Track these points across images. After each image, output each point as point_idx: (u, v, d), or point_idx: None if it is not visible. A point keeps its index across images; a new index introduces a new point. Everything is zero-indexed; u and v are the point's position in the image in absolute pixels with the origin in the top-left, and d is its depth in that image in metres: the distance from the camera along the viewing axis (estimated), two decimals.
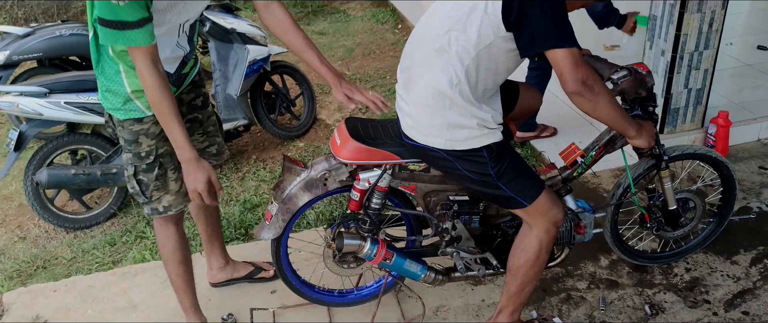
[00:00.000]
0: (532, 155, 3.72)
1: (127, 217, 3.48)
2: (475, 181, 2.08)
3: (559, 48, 1.77)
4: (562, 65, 1.79)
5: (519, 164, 2.11)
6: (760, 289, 2.67)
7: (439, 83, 1.93)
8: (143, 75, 1.88)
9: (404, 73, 2.09)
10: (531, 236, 2.17)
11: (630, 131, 2.07)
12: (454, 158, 2.04)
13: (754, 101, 3.94)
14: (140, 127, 2.08)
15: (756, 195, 3.27)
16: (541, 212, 2.12)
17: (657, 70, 3.41)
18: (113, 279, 2.89)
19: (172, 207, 2.21)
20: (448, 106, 1.95)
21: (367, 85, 4.85)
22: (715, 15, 3.23)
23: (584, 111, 1.89)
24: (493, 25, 1.83)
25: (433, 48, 1.95)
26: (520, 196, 2.08)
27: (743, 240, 2.94)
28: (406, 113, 2.07)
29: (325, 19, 6.54)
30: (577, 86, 1.80)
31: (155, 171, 2.13)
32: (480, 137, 1.99)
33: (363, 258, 2.29)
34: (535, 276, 2.22)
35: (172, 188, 2.19)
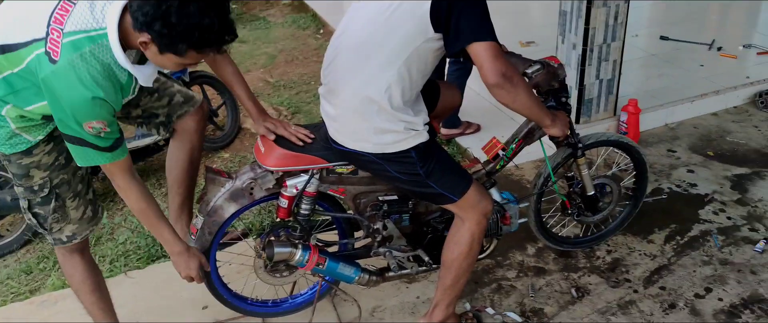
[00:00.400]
0: (457, 152, 3.80)
1: (43, 243, 3.30)
2: (405, 181, 2.11)
3: (480, 42, 1.83)
4: (482, 58, 1.84)
5: (446, 161, 2.15)
6: (674, 264, 2.83)
7: (367, 90, 1.93)
8: (125, 189, 1.89)
9: (328, 78, 2.07)
10: (463, 229, 2.22)
11: (546, 121, 2.14)
12: (383, 160, 2.05)
13: (661, 88, 4.18)
14: (30, 160, 1.93)
15: (666, 177, 3.46)
16: (471, 205, 2.17)
17: (570, 63, 3.55)
18: (31, 308, 2.74)
19: (76, 235, 2.10)
20: (376, 111, 1.95)
21: (292, 91, 4.82)
22: (619, 8, 3.41)
23: (504, 103, 1.94)
24: (422, 26, 1.86)
25: (360, 53, 1.95)
26: (450, 192, 2.12)
27: (657, 220, 3.11)
28: (333, 118, 2.06)
29: (244, 27, 6.45)
30: (497, 78, 1.85)
31: (52, 204, 2.00)
32: (407, 140, 2.02)
33: (295, 265, 2.27)
34: (468, 267, 2.27)
35: (73, 217, 2.07)
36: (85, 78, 1.63)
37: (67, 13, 1.63)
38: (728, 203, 3.23)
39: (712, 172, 3.49)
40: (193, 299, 2.71)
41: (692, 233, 3.02)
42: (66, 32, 1.62)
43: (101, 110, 1.69)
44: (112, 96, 1.70)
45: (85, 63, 1.63)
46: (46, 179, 1.97)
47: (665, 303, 2.62)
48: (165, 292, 2.78)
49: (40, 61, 1.63)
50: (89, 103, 1.65)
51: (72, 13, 1.63)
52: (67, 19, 1.62)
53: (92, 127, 1.71)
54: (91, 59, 1.63)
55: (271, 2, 7.24)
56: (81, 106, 1.66)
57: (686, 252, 2.90)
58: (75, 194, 2.05)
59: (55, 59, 1.61)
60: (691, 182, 3.40)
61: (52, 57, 1.61)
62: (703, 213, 3.16)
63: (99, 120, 1.70)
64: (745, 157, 3.61)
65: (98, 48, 1.63)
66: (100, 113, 1.70)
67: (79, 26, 1.62)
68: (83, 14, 1.64)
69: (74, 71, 1.62)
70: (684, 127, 3.96)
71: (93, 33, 1.63)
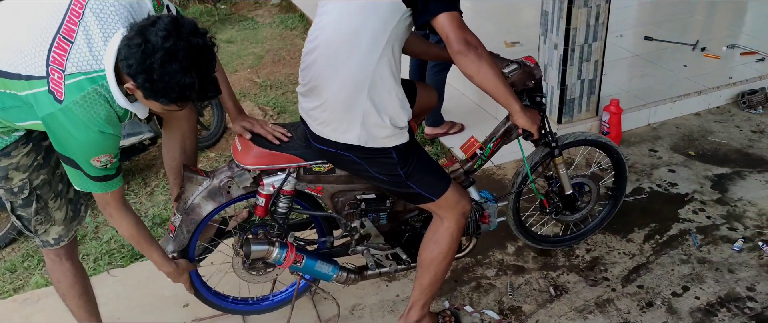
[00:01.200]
0: (441, 152, 3.82)
1: (28, 242, 3.31)
2: (386, 182, 2.13)
3: (445, 12, 1.88)
4: (446, 28, 1.89)
5: (426, 162, 2.18)
6: (652, 263, 2.86)
7: (355, 79, 1.95)
8: (117, 218, 1.94)
9: (309, 76, 2.08)
10: (442, 229, 2.24)
11: (514, 105, 2.14)
12: (364, 160, 2.07)
13: (644, 88, 4.21)
14: (8, 161, 1.93)
15: (647, 176, 3.50)
16: (450, 205, 2.19)
17: (551, 63, 3.58)
18: (14, 306, 2.76)
19: (63, 238, 2.10)
20: (365, 99, 1.97)
21: (278, 91, 4.83)
22: (600, 9, 3.44)
23: (468, 74, 1.96)
24: (394, 5, 1.91)
25: (342, 46, 1.97)
26: (429, 192, 2.15)
27: (637, 219, 3.14)
28: (318, 113, 2.07)
29: (232, 27, 6.45)
30: (461, 46, 1.89)
31: (34, 205, 2.01)
32: (390, 138, 2.04)
33: (273, 263, 2.29)
34: (446, 267, 2.30)
35: (57, 218, 2.07)
36: (91, 117, 1.68)
37: (64, 52, 1.66)
38: (708, 202, 3.26)
39: (693, 171, 3.52)
40: (175, 297, 2.73)
41: (671, 233, 3.05)
42: (68, 74, 1.65)
43: (109, 144, 1.76)
44: (115, 127, 1.76)
45: (90, 103, 1.68)
46: (25, 181, 1.97)
47: (643, 301, 2.65)
48: (147, 290, 2.80)
49: (41, 99, 1.67)
50: (98, 140, 1.73)
51: (71, 53, 1.66)
52: (67, 60, 1.66)
53: (100, 161, 1.77)
54: (95, 98, 1.68)
55: (260, 3, 7.25)
56: (90, 143, 1.73)
57: (665, 251, 2.93)
58: (56, 194, 2.05)
59: (59, 99, 1.65)
60: (672, 182, 3.44)
61: (56, 97, 1.65)
62: (682, 212, 3.19)
63: (106, 154, 1.78)
64: (726, 157, 3.65)
65: (100, 88, 1.68)
66: (108, 147, 1.77)
67: (79, 68, 1.66)
68: (82, 54, 1.67)
69: (81, 111, 1.67)
70: (666, 127, 3.99)
71: (93, 74, 1.67)
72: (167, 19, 1.59)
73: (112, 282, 2.90)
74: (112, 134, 1.75)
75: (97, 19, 1.69)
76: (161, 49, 1.55)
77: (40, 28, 1.69)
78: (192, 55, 1.59)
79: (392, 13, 1.92)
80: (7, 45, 1.72)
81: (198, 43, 1.61)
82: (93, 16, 1.69)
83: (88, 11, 1.69)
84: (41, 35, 1.68)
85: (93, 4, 1.70)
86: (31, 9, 1.74)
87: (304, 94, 2.14)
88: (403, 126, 2.06)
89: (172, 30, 1.57)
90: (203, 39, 1.63)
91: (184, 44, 1.57)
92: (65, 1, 1.71)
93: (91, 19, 1.69)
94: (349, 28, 1.96)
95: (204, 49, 1.63)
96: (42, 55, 1.66)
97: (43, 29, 1.68)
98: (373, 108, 1.98)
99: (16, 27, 1.74)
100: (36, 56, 1.67)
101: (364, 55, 1.94)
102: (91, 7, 1.70)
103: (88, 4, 1.70)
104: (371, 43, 1.94)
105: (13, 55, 1.70)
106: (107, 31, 1.69)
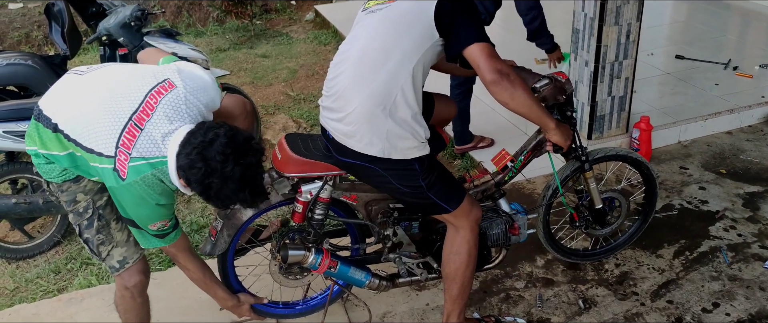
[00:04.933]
0: (471, 165, 3.88)
1: (71, 244, 3.44)
2: (407, 193, 2.20)
3: (474, 43, 1.97)
4: (477, 58, 1.98)
5: (444, 174, 2.26)
6: (682, 279, 2.86)
7: (382, 93, 2.04)
8: (185, 266, 2.19)
9: (336, 88, 2.15)
10: (459, 239, 2.30)
11: (549, 124, 2.23)
12: (387, 171, 2.15)
13: (674, 106, 4.22)
14: (77, 186, 2.09)
15: (678, 193, 3.50)
16: (465, 213, 2.27)
17: (582, 80, 3.63)
18: (59, 305, 2.87)
19: (127, 260, 2.16)
20: (389, 115, 2.05)
21: (312, 104, 4.95)
22: (631, 27, 3.48)
23: (503, 101, 2.04)
24: (429, 31, 2.02)
25: (372, 61, 2.06)
26: (446, 203, 2.22)
27: (667, 235, 3.15)
28: (342, 125, 2.13)
29: (268, 42, 6.62)
30: (493, 75, 1.97)
31: (95, 224, 2.11)
32: (413, 149, 2.12)
33: (308, 267, 2.37)
34: (471, 274, 2.35)
35: (118, 239, 2.15)
36: (149, 193, 1.90)
37: (133, 138, 1.87)
38: (739, 220, 3.25)
39: (724, 189, 3.52)
40: (211, 300, 2.81)
41: (702, 249, 3.05)
42: (133, 157, 1.86)
43: (164, 212, 1.99)
44: (169, 198, 1.98)
45: (147, 182, 1.89)
46: (89, 201, 2.11)
47: (672, 316, 2.66)
48: (184, 293, 2.89)
49: (107, 173, 1.90)
50: (153, 212, 1.96)
51: (138, 140, 1.87)
52: (134, 146, 1.87)
53: (156, 226, 2.00)
54: (152, 180, 1.89)
55: (294, 19, 7.43)
56: (146, 215, 1.97)
57: (695, 267, 2.94)
58: (119, 217, 2.13)
59: (122, 178, 1.87)
60: (703, 199, 3.44)
61: (120, 175, 1.87)
62: (713, 229, 3.19)
63: (162, 220, 2.00)
64: (758, 175, 3.63)
65: (158, 172, 1.89)
66: (163, 215, 1.99)
67: (142, 153, 1.87)
68: (147, 142, 1.87)
69: (139, 189, 1.89)
70: (697, 144, 3.99)
71: (154, 160, 1.87)
72: (225, 140, 1.79)
73: (151, 284, 2.98)
74: (166, 204, 1.97)
75: (168, 111, 1.92)
76: (219, 174, 1.78)
77: (116, 112, 1.90)
78: (246, 176, 1.82)
79: (425, 38, 2.03)
80: (86, 120, 1.93)
81: (251, 162, 1.84)
82: (165, 108, 1.92)
83: (162, 104, 1.92)
84: (116, 119, 1.89)
85: (167, 98, 1.92)
86: (113, 89, 1.96)
87: (327, 106, 2.21)
88: (424, 140, 2.14)
89: (229, 153, 1.79)
90: (256, 157, 1.86)
91: (239, 169, 1.80)
92: (143, 89, 1.94)
93: (162, 111, 1.91)
94: (382, 44, 2.05)
95: (256, 167, 1.86)
96: (113, 138, 1.87)
97: (119, 113, 1.90)
98: (395, 123, 2.07)
99: (96, 103, 1.94)
100: (108, 137, 1.88)
101: (392, 72, 2.03)
102: (165, 100, 1.92)
103: (163, 99, 1.92)
104: (400, 62, 2.03)
105: (90, 132, 1.91)
106: (174, 123, 1.90)
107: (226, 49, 6.49)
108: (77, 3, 4.65)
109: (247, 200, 1.87)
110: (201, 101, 1.99)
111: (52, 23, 4.68)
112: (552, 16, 6.44)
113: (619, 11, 3.39)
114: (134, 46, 3.91)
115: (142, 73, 2.00)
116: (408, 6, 2.07)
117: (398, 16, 2.07)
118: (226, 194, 1.82)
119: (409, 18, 2.05)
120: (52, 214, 3.38)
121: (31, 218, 3.48)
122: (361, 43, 2.12)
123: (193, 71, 2.05)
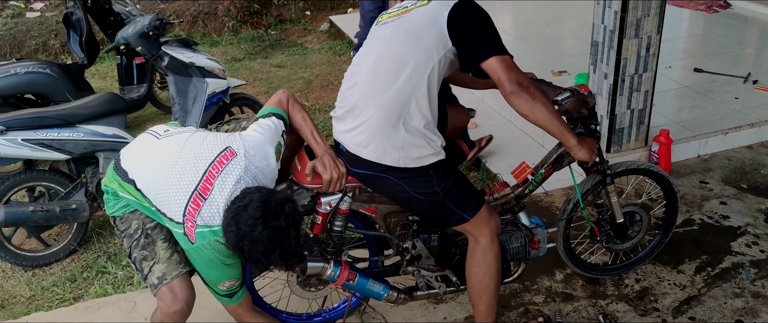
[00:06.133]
0: (487, 177, 3.85)
1: (87, 253, 3.45)
2: (423, 201, 2.18)
3: (494, 55, 1.96)
4: (498, 71, 1.97)
5: (461, 181, 2.24)
6: (704, 295, 2.82)
7: (396, 103, 2.04)
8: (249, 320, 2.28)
9: (350, 99, 2.15)
10: (479, 251, 2.27)
11: (571, 140, 2.19)
12: (402, 180, 2.13)
13: (693, 119, 4.17)
14: (133, 214, 2.22)
15: (698, 208, 3.45)
16: (484, 222, 2.24)
17: (601, 92, 3.60)
18: (75, 313, 2.87)
19: (165, 276, 2.16)
20: (404, 125, 2.06)
21: (326, 115, 4.94)
22: (651, 40, 3.45)
23: (523, 113, 2.03)
24: (442, 38, 2.02)
25: (387, 70, 2.06)
26: (463, 211, 2.20)
27: (688, 250, 3.11)
28: (355, 136, 2.13)
29: (283, 53, 6.64)
30: (513, 87, 1.96)
31: (141, 242, 2.19)
32: (428, 157, 2.11)
33: (327, 279, 2.35)
34: (496, 285, 2.32)
35: (161, 256, 2.18)
36: (216, 255, 2.03)
37: (198, 208, 2.00)
38: (761, 236, 3.20)
39: (746, 204, 3.47)
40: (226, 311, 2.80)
41: (723, 265, 3.00)
42: (198, 225, 2.00)
43: (232, 273, 2.11)
44: (236, 262, 2.10)
45: (213, 246, 2.02)
46: (139, 223, 2.22)
47: None
48: (200, 303, 2.87)
49: (180, 237, 2.05)
50: (222, 272, 2.09)
51: (203, 209, 2.00)
52: (198, 215, 2.00)
53: (225, 286, 2.13)
54: (216, 244, 2.02)
55: (309, 29, 7.45)
56: (216, 276, 2.10)
57: (717, 283, 2.89)
58: (166, 238, 2.20)
59: (191, 241, 2.02)
60: (724, 214, 3.39)
61: (189, 239, 2.02)
62: (735, 245, 3.14)
63: (230, 280, 2.13)
64: None
65: (220, 238, 2.00)
66: (231, 275, 2.12)
67: (206, 221, 2.00)
68: (211, 211, 2.00)
69: (207, 252, 2.02)
70: (717, 159, 3.94)
71: (216, 227, 2.00)
72: (257, 204, 1.89)
73: None
74: (233, 264, 2.09)
75: (228, 180, 2.01)
76: (248, 238, 1.88)
77: (183, 181, 2.03)
78: (274, 239, 1.90)
79: (438, 46, 2.02)
80: (157, 186, 2.07)
81: (280, 225, 1.90)
82: (226, 178, 2.02)
83: (224, 173, 2.03)
84: (183, 189, 2.03)
85: (228, 169, 2.03)
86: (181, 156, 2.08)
87: (341, 117, 2.21)
88: (439, 147, 2.13)
89: (259, 217, 1.88)
90: (287, 220, 1.92)
91: (268, 232, 1.88)
92: (208, 158, 2.06)
93: (223, 180, 2.01)
94: (396, 54, 2.06)
95: (287, 229, 1.92)
96: (181, 207, 2.02)
97: (186, 182, 2.03)
98: (409, 133, 2.06)
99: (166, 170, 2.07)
100: (177, 206, 2.02)
101: (406, 81, 2.03)
102: (226, 171, 2.03)
103: (224, 169, 2.03)
104: (414, 72, 2.03)
105: (161, 197, 2.06)
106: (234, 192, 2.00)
107: (241, 59, 6.52)
108: (95, 12, 4.70)
109: (278, 262, 1.96)
110: (259, 167, 2.08)
111: (71, 32, 4.73)
112: (566, 28, 6.45)
113: (639, 24, 3.37)
114: (152, 56, 3.93)
115: (210, 141, 2.12)
116: (421, 15, 2.08)
117: (412, 25, 2.08)
118: (257, 256, 1.92)
119: (422, 27, 2.05)
120: (68, 222, 3.39)
121: (47, 226, 3.49)
122: (375, 54, 2.13)
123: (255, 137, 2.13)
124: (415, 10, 2.11)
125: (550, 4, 6.80)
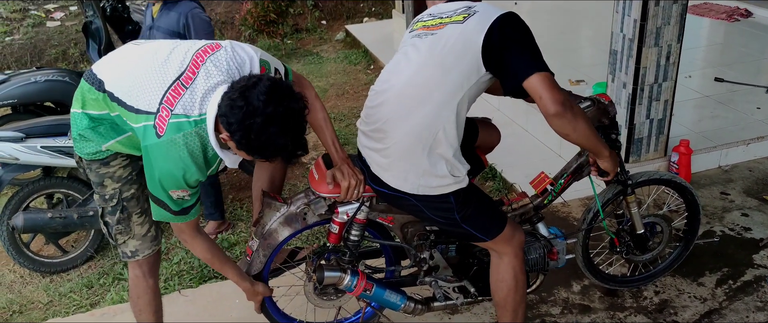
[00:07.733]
0: (503, 187, 3.82)
1: (104, 260, 3.47)
2: (441, 223, 2.17)
3: (535, 73, 1.88)
4: (540, 90, 1.88)
5: (483, 204, 2.18)
6: (725, 309, 2.76)
7: (422, 130, 1.99)
8: (192, 243, 2.11)
9: (375, 117, 2.11)
10: (503, 266, 2.24)
11: (604, 152, 2.16)
12: (421, 202, 2.10)
13: (714, 129, 4.12)
14: (106, 170, 2.12)
15: (719, 220, 3.40)
16: (507, 240, 2.21)
17: (620, 102, 3.56)
18: (92, 320, 2.88)
19: (138, 252, 2.21)
20: (427, 153, 2.01)
21: (342, 124, 4.95)
22: (671, 49, 3.41)
23: (564, 133, 1.96)
24: (475, 65, 1.94)
25: (415, 95, 2.00)
26: (483, 234, 2.17)
27: (708, 263, 3.05)
28: (379, 157, 2.11)
29: (298, 61, 6.67)
30: (558, 107, 1.88)
31: (117, 214, 2.15)
32: (449, 185, 2.07)
33: (343, 289, 2.33)
34: (521, 298, 2.29)
35: (136, 233, 2.19)
36: (179, 155, 1.86)
37: (178, 96, 1.85)
38: None
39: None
40: (241, 318, 2.80)
41: (745, 278, 2.95)
42: (174, 114, 1.84)
43: (191, 178, 1.92)
44: (201, 170, 1.93)
45: (183, 142, 1.85)
46: (116, 190, 2.14)
47: None
48: (215, 311, 2.88)
49: (146, 131, 1.87)
50: (178, 176, 1.90)
51: (183, 97, 1.85)
52: (177, 103, 1.84)
53: (176, 194, 1.95)
54: (189, 139, 1.85)
55: (325, 38, 7.48)
56: (170, 177, 1.90)
57: (739, 296, 2.83)
58: (142, 211, 2.19)
59: (160, 134, 1.84)
60: (745, 226, 3.33)
61: (157, 132, 1.84)
62: (757, 258, 3.08)
63: (183, 189, 1.94)
64: None
65: (198, 130, 1.85)
66: (190, 181, 1.93)
67: (185, 110, 1.84)
68: (192, 99, 1.85)
69: (172, 148, 1.85)
70: (738, 169, 3.88)
71: (193, 118, 1.84)
72: (267, 83, 1.74)
73: (182, 301, 3.00)
74: (197, 169, 1.91)
75: (212, 69, 1.88)
76: (262, 114, 1.70)
77: (164, 72, 1.90)
78: (289, 120, 1.75)
79: (471, 73, 1.95)
80: (134, 81, 1.93)
81: (294, 107, 1.77)
82: (210, 67, 1.88)
83: (208, 62, 1.90)
84: (163, 77, 1.89)
85: (213, 57, 1.90)
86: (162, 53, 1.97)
87: (367, 134, 2.17)
88: (462, 174, 2.08)
89: (272, 94, 1.72)
90: (298, 104, 1.79)
91: (282, 110, 1.73)
92: (191, 49, 1.95)
93: (207, 69, 1.89)
94: (426, 79, 1.99)
95: (300, 113, 1.79)
96: (158, 95, 1.86)
97: (167, 73, 1.90)
98: (433, 161, 2.02)
99: (145, 65, 1.95)
100: (153, 95, 1.87)
101: (435, 109, 1.97)
102: (212, 59, 1.91)
103: (210, 58, 1.90)
104: (444, 98, 1.96)
105: (136, 92, 1.91)
106: (218, 81, 1.87)
107: None
108: (114, 21, 4.74)
109: (288, 147, 1.78)
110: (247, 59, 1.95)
111: (90, 41, 4.77)
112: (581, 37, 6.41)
113: (658, 32, 3.33)
114: None
115: (194, 41, 2.02)
116: (455, 37, 1.96)
117: (446, 47, 1.96)
118: (268, 137, 1.73)
119: (456, 50, 1.94)
120: (86, 229, 3.41)
121: (65, 233, 3.52)
122: (406, 75, 2.05)
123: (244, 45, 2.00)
124: (450, 28, 1.99)
125: (564, 13, 6.77)
